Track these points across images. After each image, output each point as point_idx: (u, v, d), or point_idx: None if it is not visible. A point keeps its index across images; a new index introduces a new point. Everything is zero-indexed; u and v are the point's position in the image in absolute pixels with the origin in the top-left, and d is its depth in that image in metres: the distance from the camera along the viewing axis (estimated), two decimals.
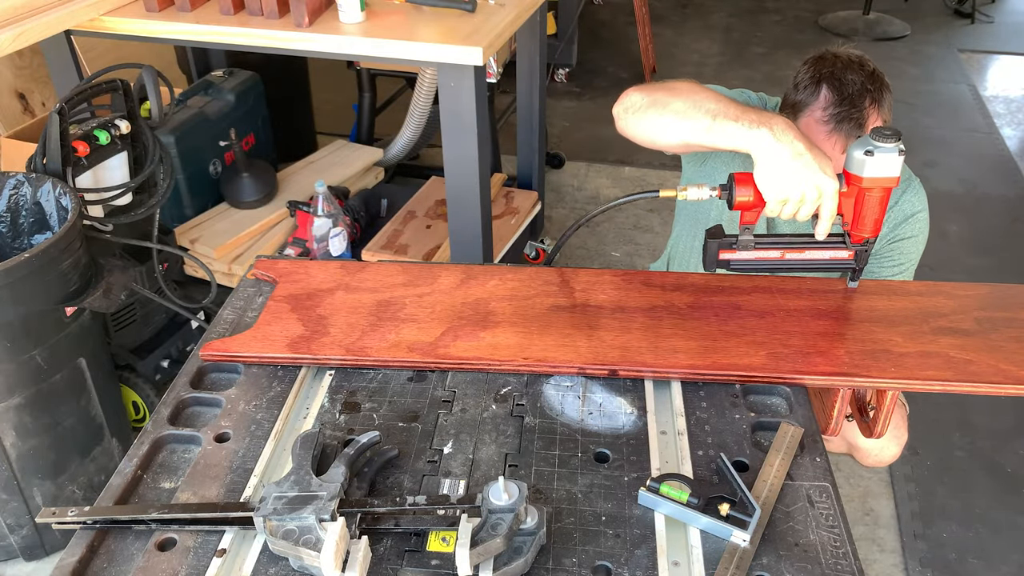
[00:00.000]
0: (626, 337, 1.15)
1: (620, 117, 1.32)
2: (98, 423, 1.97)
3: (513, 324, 1.18)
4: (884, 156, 1.09)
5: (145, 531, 0.90)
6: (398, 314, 1.20)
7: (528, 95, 2.90)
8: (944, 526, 2.11)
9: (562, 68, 4.54)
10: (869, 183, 1.11)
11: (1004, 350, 1.12)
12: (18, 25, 1.94)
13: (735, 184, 1.16)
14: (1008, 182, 3.68)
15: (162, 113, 2.09)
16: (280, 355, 1.13)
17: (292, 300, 1.23)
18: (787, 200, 1.13)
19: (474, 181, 2.18)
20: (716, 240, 1.20)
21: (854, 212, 1.15)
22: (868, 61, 1.48)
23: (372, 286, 1.26)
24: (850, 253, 1.19)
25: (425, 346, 1.14)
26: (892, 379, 1.08)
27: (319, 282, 1.27)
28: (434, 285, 1.26)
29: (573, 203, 3.53)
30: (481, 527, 0.83)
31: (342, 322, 1.18)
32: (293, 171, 2.99)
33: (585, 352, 1.12)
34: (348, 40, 2.08)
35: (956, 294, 1.23)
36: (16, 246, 1.92)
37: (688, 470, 0.97)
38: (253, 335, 1.16)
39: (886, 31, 5.24)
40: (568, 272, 1.30)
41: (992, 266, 3.10)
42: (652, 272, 1.31)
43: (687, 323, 1.18)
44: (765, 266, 1.22)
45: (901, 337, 1.14)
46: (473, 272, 1.29)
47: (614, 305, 1.22)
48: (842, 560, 0.87)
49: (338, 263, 1.33)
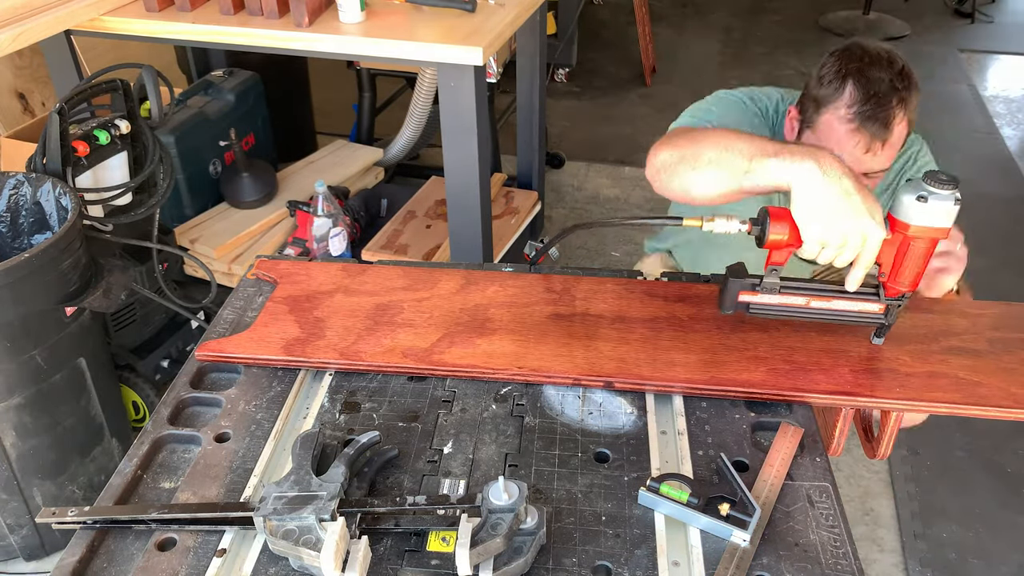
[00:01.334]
0: (624, 348, 1.13)
1: (655, 179, 1.24)
2: (98, 423, 1.97)
3: (510, 332, 1.16)
4: (938, 203, 0.98)
5: (145, 531, 0.90)
6: (395, 319, 1.19)
7: (528, 95, 2.90)
8: (944, 526, 2.11)
9: (562, 68, 4.54)
10: (916, 231, 1.00)
11: (1016, 373, 1.08)
12: (18, 25, 1.94)
13: (769, 219, 1.04)
14: (1008, 182, 3.68)
15: (162, 113, 2.09)
16: (275, 357, 1.12)
17: (291, 302, 1.23)
18: (827, 244, 1.02)
19: (474, 181, 2.18)
20: (738, 280, 1.08)
21: (894, 263, 1.04)
22: (897, 57, 1.40)
23: (371, 289, 1.25)
24: (882, 307, 1.09)
25: (420, 352, 1.13)
26: (896, 400, 1.05)
27: (319, 284, 1.26)
28: (434, 290, 1.25)
29: (573, 203, 3.53)
30: (481, 527, 0.83)
31: (339, 325, 1.17)
32: (293, 171, 2.99)
33: (582, 363, 1.10)
34: (348, 40, 2.08)
35: (969, 312, 1.20)
36: (16, 246, 1.92)
37: (688, 470, 0.97)
38: (250, 336, 1.16)
39: (886, 31, 5.24)
40: (570, 280, 1.28)
41: (992, 266, 3.10)
42: (656, 282, 1.27)
43: (688, 335, 1.15)
44: (787, 313, 1.11)
45: (909, 356, 1.11)
46: (474, 277, 1.28)
47: (614, 315, 1.19)
48: (842, 560, 0.86)
49: (339, 264, 1.33)
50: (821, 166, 1.01)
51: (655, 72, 4.65)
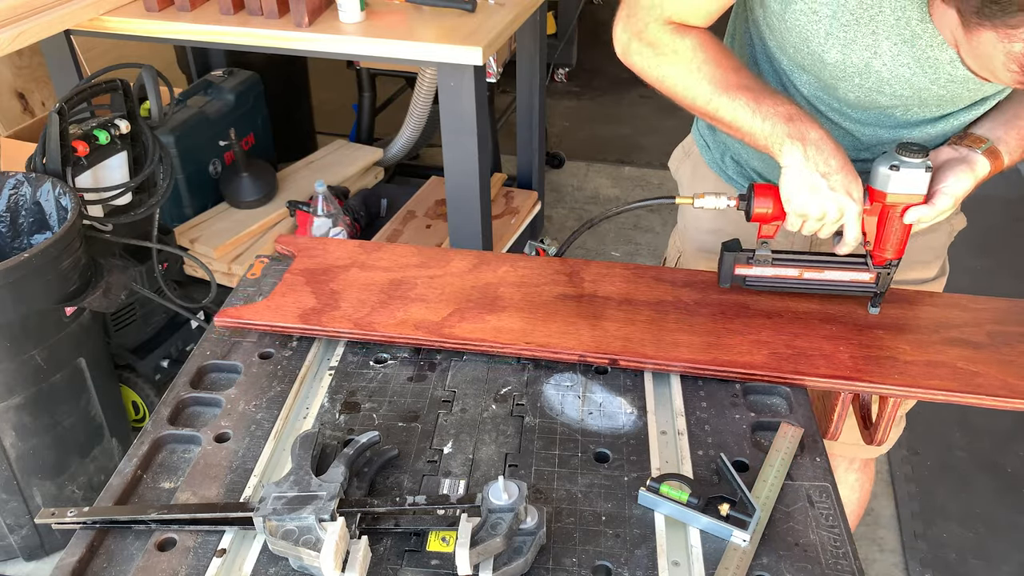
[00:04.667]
0: (629, 328, 1.15)
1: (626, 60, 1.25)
2: (98, 423, 1.97)
3: (519, 310, 1.19)
4: (909, 172, 1.06)
5: (145, 531, 0.90)
6: (408, 293, 1.22)
7: (528, 95, 2.90)
8: (944, 526, 2.11)
9: (562, 68, 4.54)
10: (893, 199, 1.08)
11: (1014, 364, 1.10)
12: (18, 25, 1.95)
13: (755, 195, 1.12)
14: (1008, 182, 3.68)
15: (162, 113, 2.09)
16: (291, 325, 1.15)
17: (307, 274, 1.26)
18: (807, 216, 1.09)
19: (474, 181, 2.18)
20: (732, 253, 1.16)
21: (876, 231, 1.12)
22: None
23: (386, 265, 1.28)
24: (872, 276, 1.15)
25: (431, 325, 1.15)
26: (895, 386, 1.07)
27: (335, 258, 1.30)
28: (446, 268, 1.28)
29: (573, 203, 3.53)
30: (481, 527, 0.83)
31: (353, 298, 1.20)
32: (293, 171, 2.99)
33: (587, 340, 1.13)
34: (348, 40, 2.08)
35: (971, 307, 1.21)
36: (16, 246, 1.93)
37: (688, 470, 0.97)
38: (267, 305, 1.19)
39: None
40: (580, 263, 1.31)
41: (992, 266, 3.10)
42: (663, 268, 1.31)
43: (693, 319, 1.18)
44: (782, 285, 1.18)
45: (909, 345, 1.13)
46: (486, 258, 1.31)
47: (621, 297, 1.22)
48: (842, 560, 0.86)
49: (356, 241, 1.37)
50: (806, 149, 1.06)
51: None
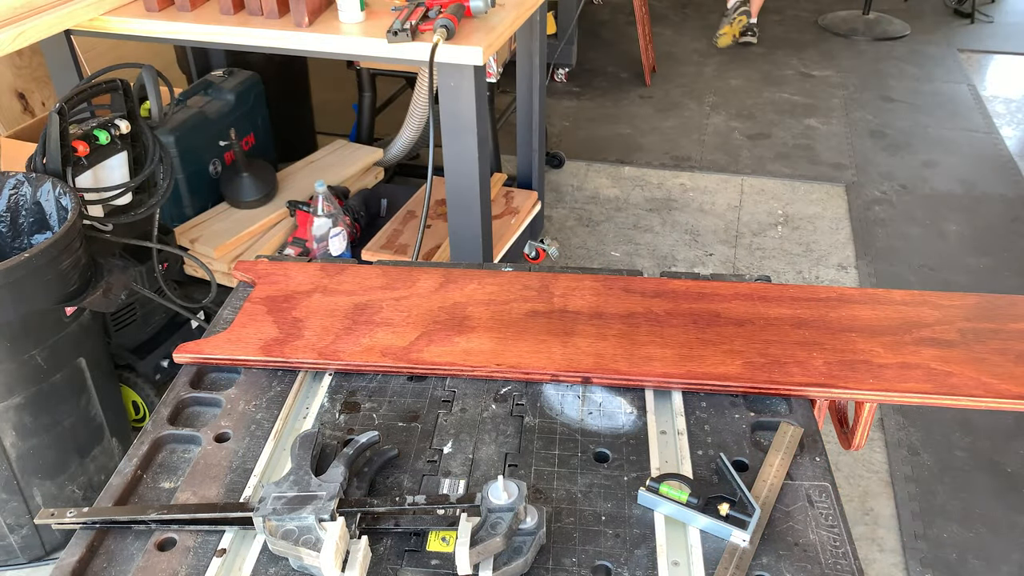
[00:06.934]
0: (602, 344, 1.14)
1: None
2: (98, 423, 1.97)
3: (489, 329, 1.16)
4: None
5: (145, 531, 0.90)
6: (373, 318, 1.19)
7: (528, 95, 2.90)
8: (944, 526, 2.11)
9: (562, 68, 4.54)
10: None
11: (987, 362, 1.10)
12: (18, 25, 1.95)
13: None
14: (1008, 182, 3.68)
15: (162, 113, 2.09)
16: (252, 358, 1.12)
17: (269, 302, 1.23)
18: None
19: (474, 181, 2.18)
20: None
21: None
22: None
23: (350, 289, 1.25)
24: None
25: (398, 351, 1.13)
26: (869, 391, 1.06)
27: (297, 284, 1.27)
28: (412, 288, 1.25)
29: (573, 203, 3.53)
30: (481, 526, 0.83)
31: (317, 325, 1.17)
32: (293, 171, 2.99)
33: (559, 359, 1.11)
34: (348, 40, 2.08)
35: (941, 304, 1.21)
36: (16, 246, 1.92)
37: (688, 470, 0.97)
38: (227, 337, 1.16)
39: (886, 31, 5.24)
40: (549, 277, 1.28)
41: (992, 266, 3.10)
42: (632, 278, 1.29)
43: (664, 330, 1.16)
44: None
45: (882, 348, 1.13)
46: (453, 276, 1.28)
47: (592, 311, 1.20)
48: (842, 560, 0.87)
49: (318, 264, 1.32)
50: None
51: (655, 72, 4.65)
